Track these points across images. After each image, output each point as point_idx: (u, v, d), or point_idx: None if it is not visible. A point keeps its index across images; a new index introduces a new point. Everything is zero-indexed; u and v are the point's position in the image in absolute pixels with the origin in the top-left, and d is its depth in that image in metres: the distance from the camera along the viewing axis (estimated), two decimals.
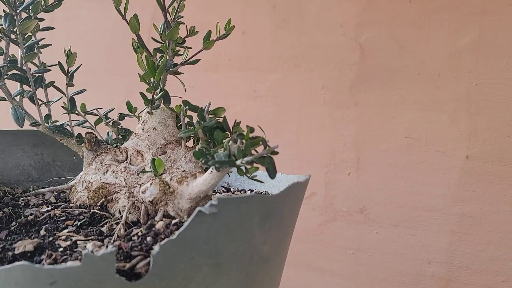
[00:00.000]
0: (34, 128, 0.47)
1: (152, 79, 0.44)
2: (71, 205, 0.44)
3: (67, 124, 0.49)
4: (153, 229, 0.36)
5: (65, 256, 0.33)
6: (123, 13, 0.45)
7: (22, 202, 0.46)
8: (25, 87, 0.47)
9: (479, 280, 0.70)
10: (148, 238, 0.35)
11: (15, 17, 0.43)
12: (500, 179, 0.67)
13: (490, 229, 0.68)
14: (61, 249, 0.34)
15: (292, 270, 0.82)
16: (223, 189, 0.55)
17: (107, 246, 0.35)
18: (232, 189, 0.55)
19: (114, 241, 0.36)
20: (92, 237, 0.37)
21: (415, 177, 0.72)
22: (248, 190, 0.53)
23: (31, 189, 0.52)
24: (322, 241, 0.80)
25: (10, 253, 0.34)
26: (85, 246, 0.35)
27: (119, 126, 0.51)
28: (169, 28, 0.45)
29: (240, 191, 0.53)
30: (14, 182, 0.54)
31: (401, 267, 0.75)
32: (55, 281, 0.28)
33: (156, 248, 0.30)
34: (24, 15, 0.44)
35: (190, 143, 0.48)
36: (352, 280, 0.79)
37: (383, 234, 0.75)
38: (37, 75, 0.47)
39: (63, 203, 0.46)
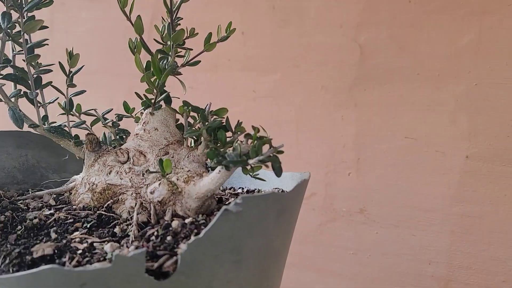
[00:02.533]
0: (17, 129, 0.46)
1: (156, 80, 0.44)
2: (74, 207, 0.44)
3: (65, 125, 0.49)
4: (170, 228, 0.37)
5: (87, 258, 0.34)
6: (128, 14, 0.45)
7: (21, 205, 0.45)
8: (21, 88, 0.46)
9: (479, 280, 0.70)
10: (169, 238, 0.35)
11: (19, 19, 0.42)
12: (500, 179, 0.67)
13: (490, 229, 0.69)
14: (79, 252, 0.35)
15: (292, 271, 0.82)
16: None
17: (127, 247, 0.35)
18: (226, 188, 0.55)
19: (132, 241, 0.36)
20: (107, 238, 0.37)
21: (415, 177, 0.72)
22: (238, 188, 0.54)
23: (26, 192, 0.51)
24: (322, 241, 0.80)
25: (28, 257, 0.34)
26: (103, 248, 0.35)
27: (118, 127, 0.50)
28: (173, 30, 0.45)
29: (230, 189, 0.54)
30: (0, 184, 0.53)
31: (401, 268, 0.75)
32: (85, 283, 0.28)
33: (183, 247, 0.30)
34: (17, 15, 0.44)
35: (188, 143, 0.48)
36: (352, 280, 0.79)
37: (383, 235, 0.75)
38: (35, 76, 0.47)
39: (64, 205, 0.45)
